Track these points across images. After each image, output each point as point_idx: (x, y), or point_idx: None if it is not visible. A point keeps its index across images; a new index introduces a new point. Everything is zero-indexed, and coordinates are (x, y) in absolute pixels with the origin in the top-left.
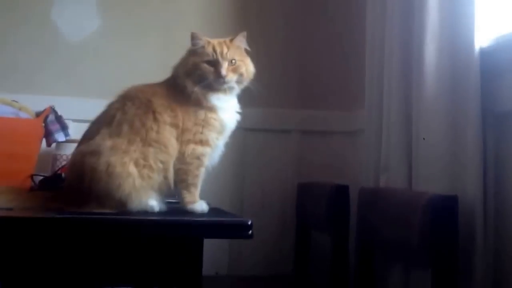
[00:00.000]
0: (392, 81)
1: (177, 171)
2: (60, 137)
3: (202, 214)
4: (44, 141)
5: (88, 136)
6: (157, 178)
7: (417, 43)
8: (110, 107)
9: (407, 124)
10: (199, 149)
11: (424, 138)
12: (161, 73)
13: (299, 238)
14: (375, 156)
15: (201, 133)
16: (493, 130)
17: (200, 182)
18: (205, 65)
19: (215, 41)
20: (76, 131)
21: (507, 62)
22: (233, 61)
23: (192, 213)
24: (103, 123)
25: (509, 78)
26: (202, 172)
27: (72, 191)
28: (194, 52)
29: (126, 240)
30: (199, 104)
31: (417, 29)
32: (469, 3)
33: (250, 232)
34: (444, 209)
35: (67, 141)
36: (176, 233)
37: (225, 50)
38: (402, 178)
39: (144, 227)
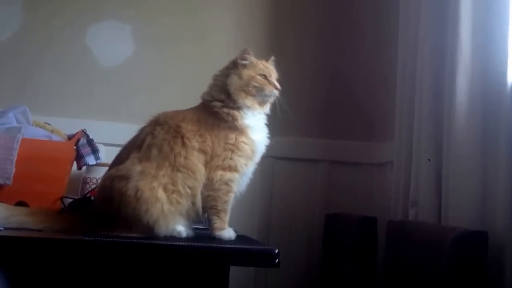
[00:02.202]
0: (423, 114)
1: (206, 198)
2: (91, 160)
3: (229, 241)
4: (75, 164)
5: (119, 160)
6: (185, 203)
7: (449, 76)
8: (140, 132)
9: (437, 158)
10: (228, 175)
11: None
12: (189, 100)
13: (326, 269)
14: (404, 189)
15: (230, 158)
16: None
17: (229, 208)
18: (260, 78)
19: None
20: (107, 154)
21: None
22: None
23: (220, 240)
24: (133, 148)
25: None
26: (231, 198)
27: (101, 214)
28: (244, 66)
29: (153, 265)
30: (232, 124)
31: (449, 62)
32: (502, 38)
33: (277, 260)
34: (473, 245)
35: (97, 165)
36: (202, 259)
37: (271, 66)
38: (431, 213)
39: (171, 253)
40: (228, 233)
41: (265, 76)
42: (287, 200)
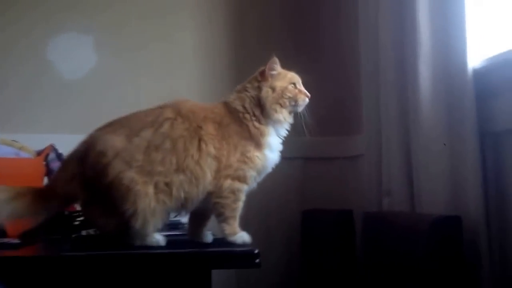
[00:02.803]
0: (389, 106)
1: (214, 205)
2: None
3: (208, 245)
4: (46, 180)
5: (130, 127)
6: (171, 205)
7: (411, 67)
8: (161, 111)
9: (406, 147)
10: (237, 184)
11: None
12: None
13: (306, 264)
14: (377, 180)
15: (242, 169)
16: (491, 149)
17: (238, 214)
18: (292, 88)
19: None
20: None
21: (500, 82)
22: None
23: (199, 244)
24: (147, 124)
25: (503, 97)
26: (239, 206)
27: (87, 183)
28: (274, 77)
29: (133, 273)
30: (257, 138)
31: (410, 53)
32: (460, 25)
33: (258, 261)
34: (449, 230)
35: None
36: (183, 265)
37: (295, 74)
38: (405, 201)
39: (151, 260)
40: (242, 237)
41: (295, 85)
42: (264, 199)
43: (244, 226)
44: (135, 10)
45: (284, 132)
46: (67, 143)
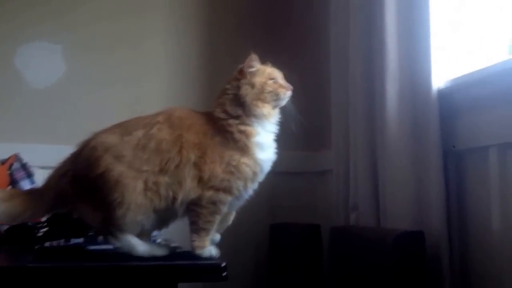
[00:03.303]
0: (357, 123)
1: (190, 212)
2: (26, 184)
3: (175, 257)
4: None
5: (126, 126)
6: (160, 204)
7: (379, 86)
8: (156, 115)
9: (373, 163)
10: (220, 195)
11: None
12: (127, 117)
13: (273, 278)
14: (344, 195)
15: (228, 180)
16: (454, 167)
17: (212, 228)
18: (272, 82)
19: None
20: (43, 178)
21: (463, 102)
22: None
23: (166, 256)
24: (140, 125)
25: (466, 117)
26: (216, 220)
27: (78, 177)
28: (253, 74)
29: (98, 286)
30: (242, 144)
31: (378, 71)
32: (426, 46)
33: (225, 274)
34: (412, 244)
35: None
36: (149, 278)
37: (275, 69)
38: (371, 216)
39: (116, 273)
40: (209, 251)
41: (275, 79)
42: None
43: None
44: (104, 16)
45: (273, 128)
46: (33, 152)
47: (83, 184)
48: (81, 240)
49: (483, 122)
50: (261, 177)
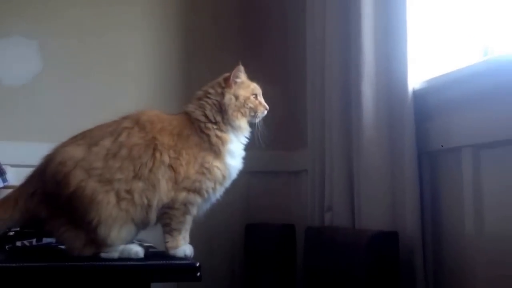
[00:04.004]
0: (333, 123)
1: (162, 215)
2: None
3: (148, 257)
4: None
5: (90, 137)
6: (135, 212)
7: (355, 86)
8: (122, 121)
9: (348, 164)
10: (191, 196)
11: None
12: (102, 116)
13: (248, 278)
14: (319, 196)
15: (199, 181)
16: (428, 168)
17: (185, 228)
18: (253, 98)
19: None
20: (17, 176)
21: (437, 103)
22: None
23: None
24: (106, 134)
25: (439, 118)
26: (188, 220)
27: (48, 196)
28: (238, 85)
29: (71, 286)
30: (216, 148)
31: (354, 73)
32: (402, 47)
33: (199, 274)
34: (386, 245)
35: (5, 187)
36: (122, 278)
37: (257, 85)
38: (346, 217)
39: (89, 273)
40: (183, 251)
41: (256, 96)
42: (207, 212)
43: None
44: (80, 15)
45: (244, 140)
46: (5, 150)
47: (57, 203)
48: (53, 239)
49: (457, 123)
50: (228, 183)
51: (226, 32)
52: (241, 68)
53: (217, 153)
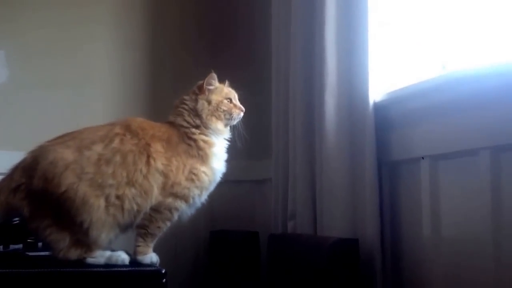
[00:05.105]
0: (297, 133)
1: (142, 221)
2: None
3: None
4: None
5: (81, 140)
6: (123, 217)
7: (318, 97)
8: (111, 128)
9: (311, 173)
10: (177, 202)
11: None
12: (72, 123)
13: (212, 283)
14: (283, 204)
15: (188, 188)
16: (388, 178)
17: (158, 235)
18: (227, 102)
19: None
20: None
21: (397, 115)
22: None
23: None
24: (97, 139)
25: (399, 129)
26: (166, 226)
27: (35, 194)
28: (211, 91)
29: None
30: (203, 153)
31: (318, 83)
32: (363, 60)
33: (164, 280)
34: (347, 251)
35: None
36: (87, 284)
37: (232, 89)
38: (308, 224)
39: (54, 279)
40: (151, 258)
41: (230, 100)
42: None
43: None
44: (48, 23)
45: (225, 143)
46: None
47: (42, 201)
48: (20, 246)
49: (416, 134)
50: (213, 186)
51: (192, 43)
52: (214, 75)
53: (204, 158)
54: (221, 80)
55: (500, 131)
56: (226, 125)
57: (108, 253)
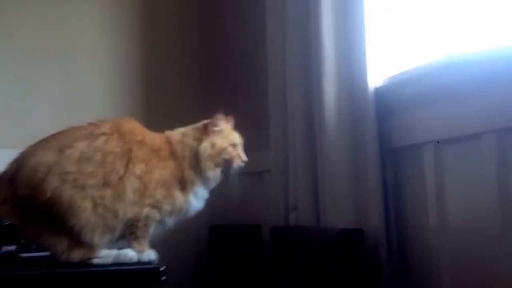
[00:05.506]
0: (296, 123)
1: (128, 227)
2: None
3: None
4: None
5: (64, 139)
6: (111, 218)
7: (317, 85)
8: (99, 125)
9: (312, 163)
10: (153, 212)
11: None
12: (57, 122)
13: (214, 280)
14: (284, 195)
15: (161, 202)
16: (391, 165)
17: (149, 235)
18: (231, 149)
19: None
20: None
21: (398, 100)
22: None
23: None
24: (81, 136)
25: (401, 115)
26: (151, 229)
27: (22, 203)
28: (216, 133)
29: None
30: (186, 182)
31: (316, 71)
32: (361, 45)
33: (164, 278)
34: (352, 241)
35: None
36: (86, 283)
37: (237, 134)
38: (311, 216)
39: (49, 280)
40: (148, 255)
41: (234, 146)
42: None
43: (152, 243)
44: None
45: (212, 186)
46: None
47: (32, 209)
48: (13, 247)
49: (418, 120)
50: (182, 218)
51: (186, 39)
52: (220, 116)
53: (184, 187)
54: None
55: (504, 113)
56: (222, 172)
57: (115, 251)
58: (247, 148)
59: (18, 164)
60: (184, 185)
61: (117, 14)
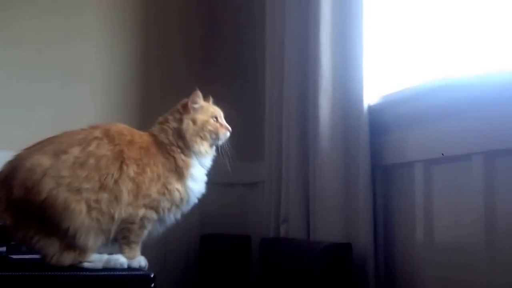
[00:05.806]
0: (290, 136)
1: (121, 230)
2: None
3: (103, 268)
4: None
5: (58, 143)
6: (105, 221)
7: (313, 99)
8: (92, 131)
9: (304, 176)
10: (149, 213)
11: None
12: (57, 122)
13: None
14: (275, 207)
15: (158, 200)
16: (381, 182)
17: (141, 241)
18: (213, 121)
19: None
20: None
21: (391, 118)
22: None
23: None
24: (74, 142)
25: (393, 133)
26: (144, 234)
27: (16, 205)
28: (196, 110)
29: None
30: (180, 170)
31: (312, 87)
32: (358, 64)
33: (153, 285)
34: (340, 256)
35: None
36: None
37: (217, 107)
38: (301, 228)
39: (39, 283)
40: (139, 262)
41: (216, 118)
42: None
43: (142, 250)
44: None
45: (208, 163)
46: None
47: (25, 211)
48: (3, 249)
49: (410, 138)
50: (186, 207)
51: (183, 43)
52: (198, 93)
53: (180, 175)
54: (205, 97)
55: (493, 136)
56: (211, 146)
57: (105, 256)
58: (241, 159)
59: (13, 166)
60: (180, 173)
61: (118, 15)
